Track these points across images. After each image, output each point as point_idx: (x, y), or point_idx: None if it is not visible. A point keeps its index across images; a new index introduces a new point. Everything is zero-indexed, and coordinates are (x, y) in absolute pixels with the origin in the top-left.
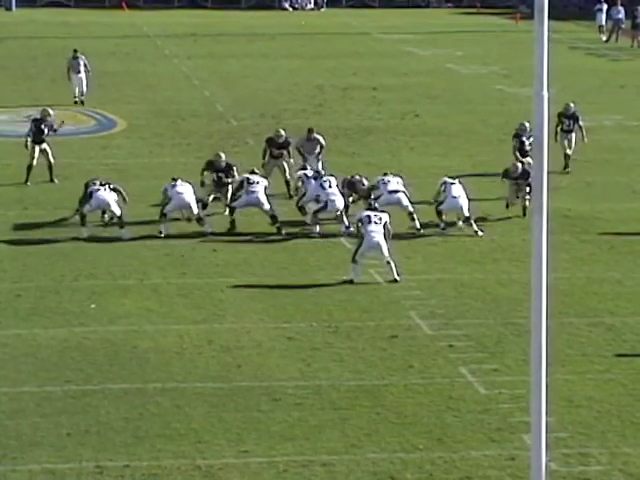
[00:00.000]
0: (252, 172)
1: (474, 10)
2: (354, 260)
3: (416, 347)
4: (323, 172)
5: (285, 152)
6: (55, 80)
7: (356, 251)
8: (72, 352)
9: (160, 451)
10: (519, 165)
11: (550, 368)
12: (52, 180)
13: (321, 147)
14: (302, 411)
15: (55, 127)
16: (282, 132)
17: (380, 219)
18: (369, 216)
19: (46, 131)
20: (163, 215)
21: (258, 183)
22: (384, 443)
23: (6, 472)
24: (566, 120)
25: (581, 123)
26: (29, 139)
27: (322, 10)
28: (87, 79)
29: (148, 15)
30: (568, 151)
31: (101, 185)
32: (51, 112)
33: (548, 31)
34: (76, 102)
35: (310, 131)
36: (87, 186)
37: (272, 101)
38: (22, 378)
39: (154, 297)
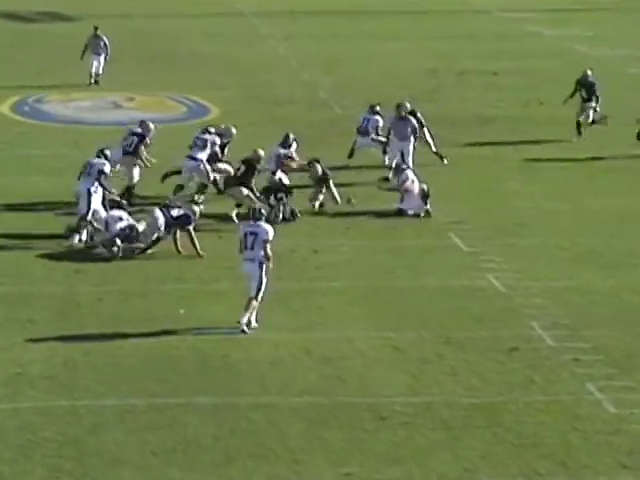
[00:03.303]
0: None
1: None
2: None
3: (538, 361)
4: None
5: None
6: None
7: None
8: (158, 362)
9: (253, 472)
10: None
11: None
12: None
13: (414, 131)
14: (410, 430)
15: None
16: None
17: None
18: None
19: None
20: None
21: None
22: (501, 467)
23: None
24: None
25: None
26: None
27: None
28: (105, 60)
29: None
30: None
31: None
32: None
33: None
34: (90, 83)
35: (399, 106)
36: None
37: (379, 87)
38: (103, 390)
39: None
